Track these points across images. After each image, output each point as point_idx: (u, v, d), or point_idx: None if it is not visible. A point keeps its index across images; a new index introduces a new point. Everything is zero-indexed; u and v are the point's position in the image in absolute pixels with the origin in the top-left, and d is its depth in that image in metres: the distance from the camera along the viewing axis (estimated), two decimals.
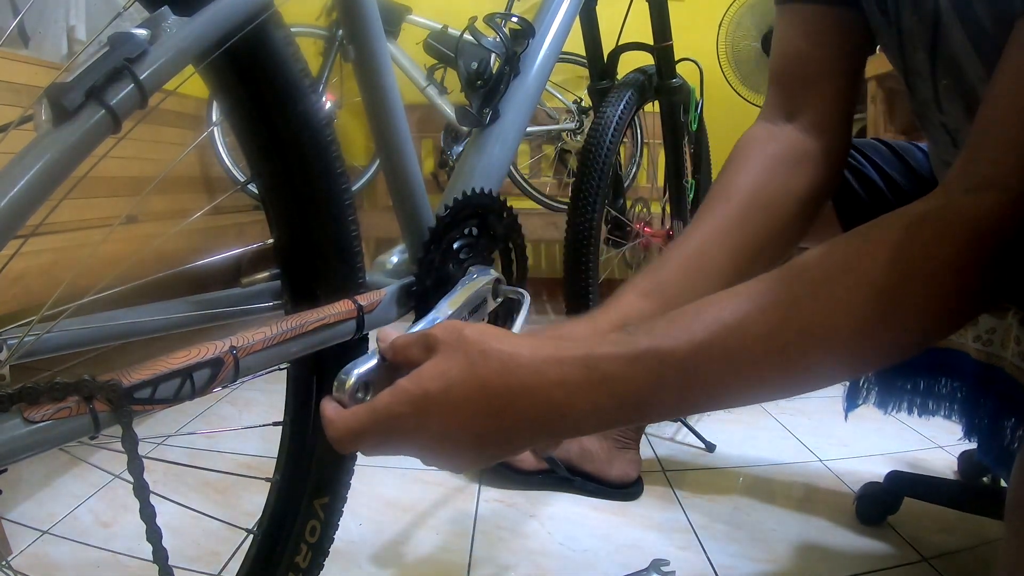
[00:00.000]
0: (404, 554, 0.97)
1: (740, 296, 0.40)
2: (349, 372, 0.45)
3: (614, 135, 1.17)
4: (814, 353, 0.38)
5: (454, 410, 0.39)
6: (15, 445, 0.34)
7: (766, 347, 0.38)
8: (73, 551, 0.93)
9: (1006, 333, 0.70)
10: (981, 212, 0.38)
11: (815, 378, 0.40)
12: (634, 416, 0.40)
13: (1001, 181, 0.39)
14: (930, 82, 0.59)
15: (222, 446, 1.29)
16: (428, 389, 0.40)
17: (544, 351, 0.40)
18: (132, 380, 0.37)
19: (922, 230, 0.39)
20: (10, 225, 0.34)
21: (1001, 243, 0.38)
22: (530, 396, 0.39)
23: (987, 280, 0.38)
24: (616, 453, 1.14)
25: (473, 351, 0.40)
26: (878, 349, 0.39)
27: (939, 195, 0.41)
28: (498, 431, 0.40)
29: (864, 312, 0.38)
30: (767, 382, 0.39)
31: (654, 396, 0.39)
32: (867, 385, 0.93)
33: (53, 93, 0.36)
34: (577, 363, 0.39)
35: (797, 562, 0.98)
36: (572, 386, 0.39)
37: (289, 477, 0.64)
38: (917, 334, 0.39)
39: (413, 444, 0.42)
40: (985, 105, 0.42)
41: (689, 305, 0.41)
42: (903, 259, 0.38)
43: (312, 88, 0.52)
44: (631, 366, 0.38)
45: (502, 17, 0.73)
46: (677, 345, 0.38)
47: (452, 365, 0.40)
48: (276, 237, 0.57)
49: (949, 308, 0.38)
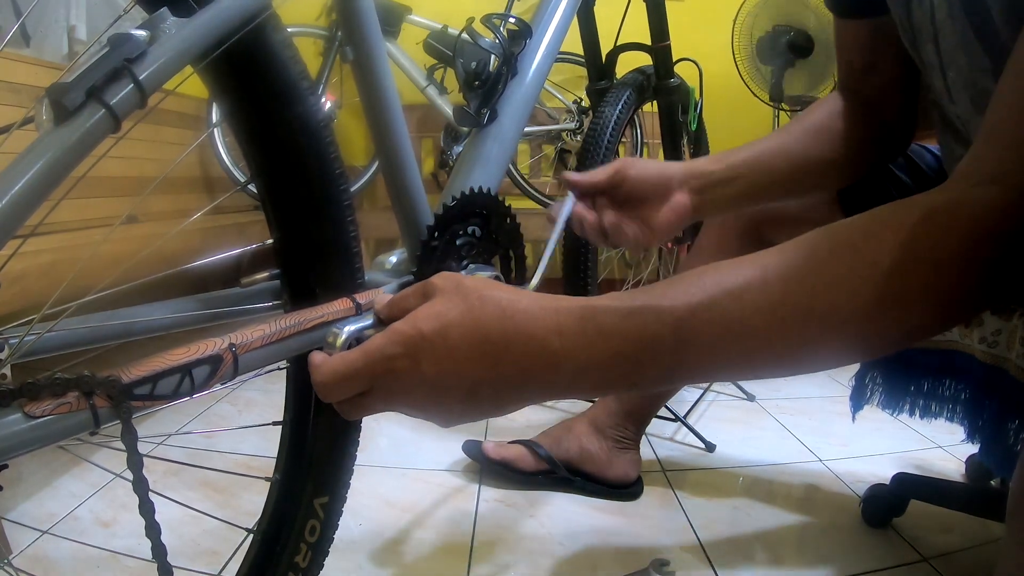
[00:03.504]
0: (404, 554, 0.97)
1: (744, 265, 0.40)
2: (341, 328, 0.43)
3: (612, 135, 1.17)
4: (813, 330, 0.38)
5: (449, 352, 0.38)
6: (16, 440, 0.35)
7: (766, 318, 0.38)
8: (73, 550, 0.93)
9: (1011, 335, 0.70)
10: (985, 207, 0.39)
11: (812, 356, 0.39)
12: (630, 375, 0.39)
13: (1004, 177, 0.39)
14: (940, 74, 0.61)
15: (222, 446, 1.29)
16: (423, 329, 0.39)
17: (543, 301, 0.40)
18: (132, 376, 0.38)
19: (931, 220, 0.39)
20: (10, 224, 0.35)
21: (1004, 238, 0.38)
22: (526, 342, 0.38)
23: (990, 275, 0.38)
24: (616, 453, 1.14)
25: (472, 296, 0.39)
26: (877, 333, 0.39)
27: (948, 188, 0.42)
28: (492, 380, 0.39)
29: (866, 294, 0.37)
30: (764, 354, 0.39)
31: (648, 354, 0.38)
32: (873, 386, 0.93)
33: (54, 93, 0.37)
34: (574, 313, 0.39)
35: (797, 562, 0.98)
36: (568, 335, 0.38)
37: (289, 476, 0.64)
38: (918, 321, 0.39)
39: (403, 391, 0.40)
40: (994, 102, 0.43)
41: (692, 271, 0.41)
42: (910, 246, 0.38)
43: (311, 89, 0.53)
44: (627, 319, 0.38)
45: (500, 18, 0.74)
46: (674, 305, 0.38)
47: (450, 308, 0.39)
48: (275, 237, 0.57)
49: (952, 299, 0.38)
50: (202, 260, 0.55)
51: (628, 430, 1.15)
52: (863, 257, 0.38)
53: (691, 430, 1.38)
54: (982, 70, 0.55)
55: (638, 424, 1.16)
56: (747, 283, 0.38)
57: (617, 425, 1.14)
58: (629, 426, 1.15)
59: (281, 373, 0.62)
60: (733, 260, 0.40)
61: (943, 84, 0.62)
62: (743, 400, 1.63)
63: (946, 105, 0.64)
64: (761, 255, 0.40)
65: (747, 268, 0.39)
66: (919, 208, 0.40)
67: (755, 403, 1.61)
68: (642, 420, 1.17)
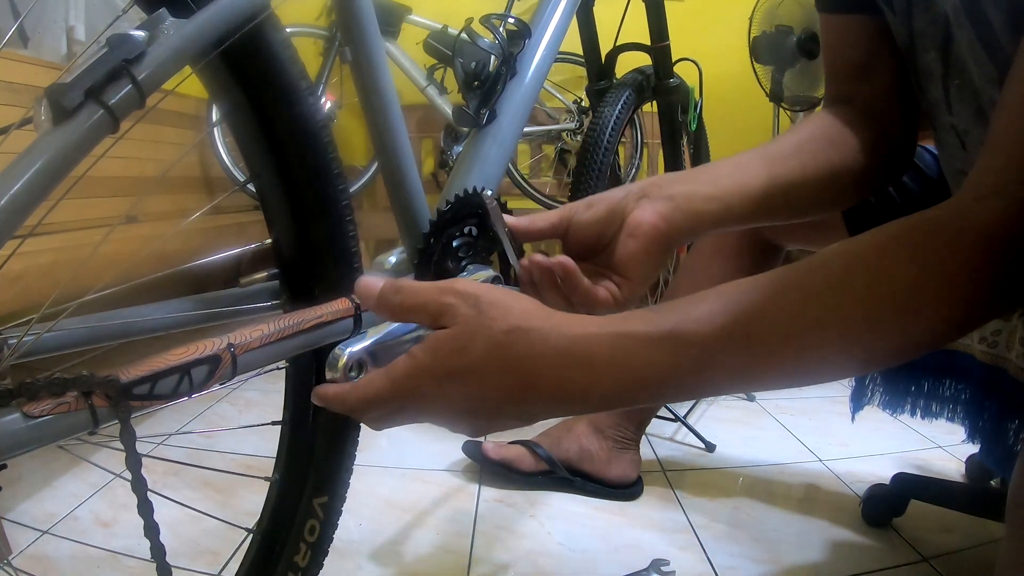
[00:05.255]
0: (404, 554, 0.97)
1: (764, 284, 0.41)
2: (343, 349, 0.44)
3: (612, 135, 1.17)
4: (829, 347, 0.40)
5: (478, 387, 0.40)
6: (15, 440, 0.34)
7: (784, 338, 0.39)
8: (73, 550, 0.93)
9: (1011, 335, 0.70)
10: (988, 220, 0.40)
11: (828, 371, 0.41)
12: (652, 396, 0.41)
13: (1007, 189, 0.40)
14: (940, 83, 0.60)
15: (221, 446, 1.29)
16: (451, 367, 0.40)
17: (572, 328, 0.40)
18: (130, 376, 0.37)
19: (939, 235, 0.40)
20: (10, 224, 0.35)
21: (1008, 250, 0.39)
22: (555, 378, 0.40)
23: (997, 284, 0.40)
24: (616, 453, 1.14)
25: (496, 330, 0.40)
26: (889, 346, 0.40)
27: (955, 201, 0.43)
28: (520, 404, 0.40)
29: (880, 309, 0.39)
30: (781, 371, 0.40)
31: (673, 379, 0.40)
32: (873, 386, 0.93)
33: (53, 93, 0.37)
34: (603, 342, 0.40)
35: (797, 562, 0.98)
36: (597, 366, 0.39)
37: (288, 476, 0.64)
38: (928, 333, 0.40)
39: (429, 414, 0.42)
40: (996, 113, 0.44)
41: (714, 289, 0.42)
42: (920, 261, 0.39)
43: (310, 89, 0.53)
44: (654, 348, 0.39)
45: (499, 18, 0.74)
46: (698, 331, 0.39)
47: (474, 344, 0.40)
48: (275, 237, 0.57)
49: (961, 309, 0.40)
50: (201, 260, 0.55)
51: (628, 430, 1.15)
52: (876, 274, 0.40)
53: (691, 430, 1.38)
54: (990, 80, 0.54)
55: (638, 424, 1.16)
56: (767, 303, 0.40)
57: (617, 425, 1.14)
58: (629, 426, 1.15)
59: (280, 373, 0.62)
60: (754, 278, 0.42)
61: (942, 94, 0.60)
62: (743, 400, 1.63)
63: (942, 115, 0.63)
64: (780, 273, 0.42)
65: (767, 287, 0.41)
66: (927, 223, 0.41)
67: (755, 403, 1.61)
68: (642, 420, 1.17)
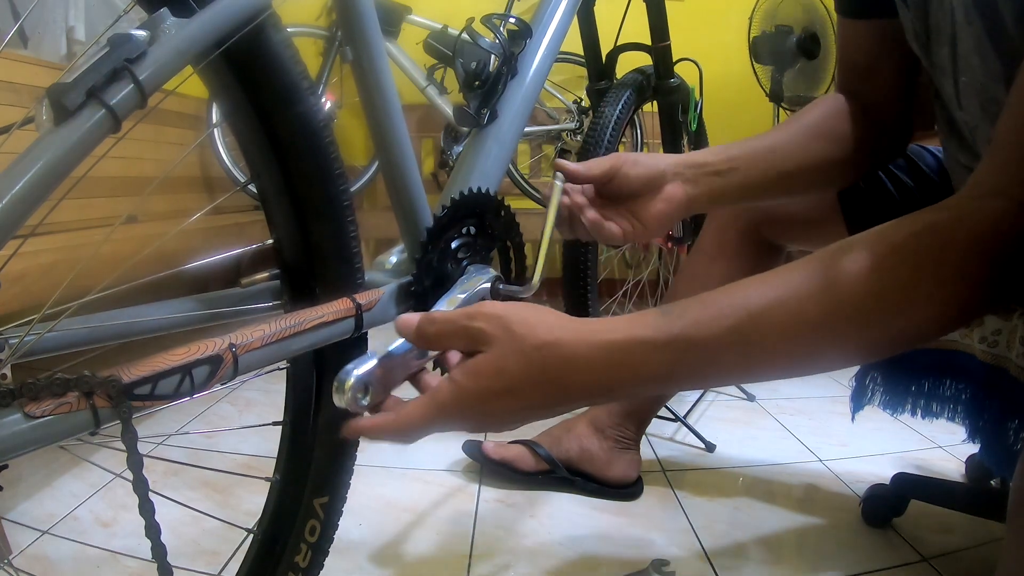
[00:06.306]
0: (404, 554, 0.97)
1: (767, 284, 0.44)
2: (348, 373, 0.45)
3: (612, 135, 1.18)
4: (823, 345, 0.42)
5: (519, 401, 0.45)
6: (16, 440, 0.35)
7: (783, 337, 0.42)
8: (73, 550, 0.93)
9: (1011, 334, 0.70)
10: (984, 221, 0.41)
11: (821, 364, 0.44)
12: (656, 390, 0.47)
13: (1007, 190, 0.41)
14: (952, 79, 0.61)
15: (222, 446, 1.29)
16: (494, 388, 0.44)
17: (594, 336, 0.44)
18: (132, 376, 0.38)
19: (933, 235, 0.42)
20: (10, 224, 0.35)
21: (1004, 251, 0.40)
22: (583, 383, 0.44)
23: (990, 283, 0.41)
24: (616, 453, 1.14)
25: (528, 347, 0.44)
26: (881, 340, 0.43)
27: (952, 202, 0.44)
28: (553, 408, 0.46)
29: (873, 306, 0.41)
30: (777, 365, 0.43)
31: (680, 376, 0.44)
32: (873, 386, 0.93)
33: (54, 93, 0.37)
34: (620, 348, 0.44)
35: (797, 562, 0.98)
36: (618, 372, 0.44)
37: (289, 477, 0.64)
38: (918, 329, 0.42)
39: (469, 425, 0.47)
40: (1002, 114, 0.44)
41: (719, 289, 0.45)
42: (914, 261, 0.41)
43: (311, 89, 0.53)
44: (664, 352, 0.43)
45: (499, 18, 0.74)
46: (704, 335, 0.43)
47: (510, 364, 0.44)
48: (275, 237, 0.57)
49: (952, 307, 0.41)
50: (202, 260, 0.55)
51: (628, 430, 1.15)
52: (870, 272, 0.41)
53: (691, 430, 1.38)
54: (994, 76, 0.55)
55: (638, 424, 1.16)
56: (769, 303, 0.43)
57: (617, 425, 1.14)
58: (629, 426, 1.15)
59: (281, 373, 0.62)
60: (757, 278, 0.45)
61: (953, 90, 0.62)
62: (743, 400, 1.63)
63: (953, 111, 0.64)
64: (782, 272, 0.45)
65: (769, 287, 0.43)
66: (922, 224, 0.43)
67: (755, 403, 1.61)
68: (642, 420, 1.17)
